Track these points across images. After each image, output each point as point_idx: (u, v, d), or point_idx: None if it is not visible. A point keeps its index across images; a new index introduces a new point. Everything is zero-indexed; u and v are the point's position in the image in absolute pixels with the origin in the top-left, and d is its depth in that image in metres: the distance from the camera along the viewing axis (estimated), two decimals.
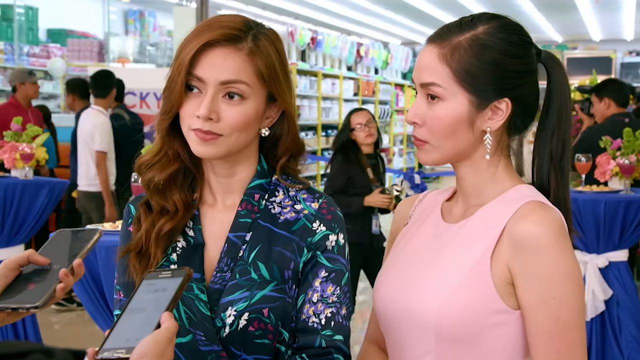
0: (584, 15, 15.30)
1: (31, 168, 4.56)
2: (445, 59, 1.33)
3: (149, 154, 1.46)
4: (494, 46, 1.33)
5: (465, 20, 1.37)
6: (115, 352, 1.04)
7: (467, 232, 1.36)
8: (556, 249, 1.28)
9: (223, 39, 1.37)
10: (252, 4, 13.51)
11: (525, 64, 1.36)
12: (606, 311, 4.37)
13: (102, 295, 2.86)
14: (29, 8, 11.07)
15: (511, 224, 1.31)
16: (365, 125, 4.56)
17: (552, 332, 1.28)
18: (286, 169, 1.48)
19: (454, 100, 1.34)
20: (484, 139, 1.36)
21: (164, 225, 1.42)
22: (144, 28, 13.70)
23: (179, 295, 1.12)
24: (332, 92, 12.17)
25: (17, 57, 10.37)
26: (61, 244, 1.26)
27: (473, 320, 1.29)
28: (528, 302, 1.29)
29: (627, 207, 4.23)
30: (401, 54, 16.45)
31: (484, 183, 1.39)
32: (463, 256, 1.33)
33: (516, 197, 1.35)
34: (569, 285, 1.28)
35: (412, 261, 1.41)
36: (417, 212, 1.51)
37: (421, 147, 1.39)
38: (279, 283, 1.40)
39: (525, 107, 1.38)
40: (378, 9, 14.71)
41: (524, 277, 1.29)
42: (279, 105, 1.44)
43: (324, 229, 1.43)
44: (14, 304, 1.16)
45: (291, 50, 11.59)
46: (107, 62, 10.73)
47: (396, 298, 1.39)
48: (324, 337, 1.39)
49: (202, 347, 1.37)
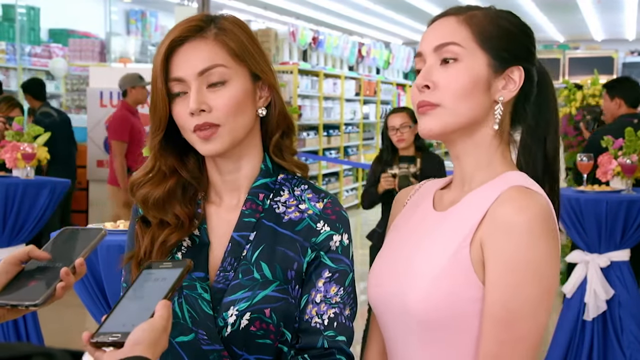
0: (586, 15, 15.29)
1: (32, 168, 4.56)
2: (465, 22, 1.35)
3: (141, 171, 1.45)
4: (507, 18, 1.37)
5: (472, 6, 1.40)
6: (110, 336, 1.05)
7: (452, 219, 1.34)
8: (529, 235, 1.24)
9: (187, 33, 1.38)
10: (254, 3, 13.51)
11: (531, 51, 1.38)
12: (608, 311, 4.36)
13: (103, 294, 2.86)
14: (30, 8, 11.07)
15: (492, 208, 1.28)
16: (398, 129, 4.49)
17: (499, 320, 1.24)
18: (281, 147, 1.47)
19: (473, 61, 1.33)
20: (494, 109, 1.34)
21: (170, 237, 1.41)
22: (145, 28, 13.70)
23: (178, 286, 1.14)
24: (333, 92, 12.16)
25: (19, 57, 10.38)
26: (64, 242, 1.26)
27: (456, 308, 1.27)
28: (487, 284, 1.26)
29: (629, 207, 4.23)
30: (403, 54, 16.44)
31: (479, 168, 1.37)
32: (445, 243, 1.31)
33: (503, 182, 1.32)
34: (530, 275, 1.24)
35: (400, 251, 1.40)
36: (412, 201, 1.50)
37: (430, 111, 1.33)
38: (282, 283, 1.39)
39: (527, 94, 1.38)
40: (379, 9, 14.70)
41: (490, 258, 1.26)
42: (263, 81, 1.44)
43: (328, 229, 1.43)
44: (13, 300, 1.16)
45: (293, 50, 11.59)
46: (109, 62, 10.73)
47: (385, 288, 1.38)
48: (327, 338, 1.39)
49: (204, 347, 1.37)
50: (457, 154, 1.38)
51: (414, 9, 14.59)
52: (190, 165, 1.46)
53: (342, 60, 13.38)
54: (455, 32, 1.34)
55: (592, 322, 4.38)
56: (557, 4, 13.75)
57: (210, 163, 1.46)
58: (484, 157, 1.36)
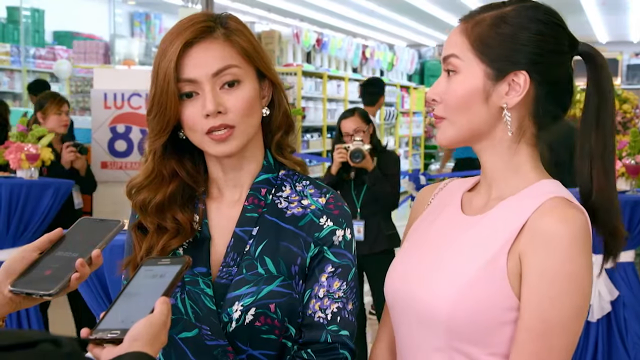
0: (590, 17, 15.27)
1: (36, 169, 4.57)
2: (466, 32, 1.33)
3: (140, 175, 1.43)
4: (514, 21, 1.31)
5: (498, 2, 1.36)
6: (109, 332, 1.05)
7: (485, 225, 1.32)
8: (570, 249, 1.23)
9: (199, 35, 1.37)
10: (258, 6, 13.52)
11: (548, 42, 1.31)
12: (612, 312, 4.35)
13: (106, 294, 2.86)
14: (35, 10, 11.10)
15: (533, 219, 1.26)
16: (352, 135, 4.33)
17: (534, 332, 1.23)
18: (281, 145, 1.47)
19: (469, 72, 1.31)
20: (502, 115, 1.32)
21: (170, 242, 1.39)
22: (149, 30, 13.74)
23: (176, 282, 1.13)
24: (337, 94, 12.16)
25: (24, 59, 10.41)
26: (82, 232, 1.25)
27: (486, 317, 1.26)
28: (524, 295, 1.25)
29: (634, 208, 4.22)
30: (407, 56, 16.45)
31: (505, 172, 1.34)
32: (479, 250, 1.30)
33: (540, 192, 1.30)
34: (570, 289, 1.23)
35: (426, 252, 1.38)
36: (437, 200, 1.47)
37: (439, 124, 1.35)
38: (286, 278, 1.39)
39: (552, 90, 1.32)
40: (384, 11, 14.70)
41: (529, 270, 1.25)
42: (268, 80, 1.44)
43: (331, 224, 1.43)
44: (28, 289, 1.16)
45: (296, 52, 11.60)
46: (113, 64, 10.76)
47: (407, 289, 1.36)
48: (330, 333, 1.39)
49: (208, 342, 1.36)
50: (482, 160, 1.38)
51: (418, 11, 14.59)
52: (188, 167, 1.45)
53: (346, 62, 13.40)
54: (456, 43, 1.33)
55: (596, 324, 4.37)
56: (561, 5, 13.60)
57: (213, 161, 1.45)
58: (506, 161, 1.34)
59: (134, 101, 7.55)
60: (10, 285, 1.17)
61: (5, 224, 4.39)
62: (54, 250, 1.21)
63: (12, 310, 1.18)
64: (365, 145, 4.30)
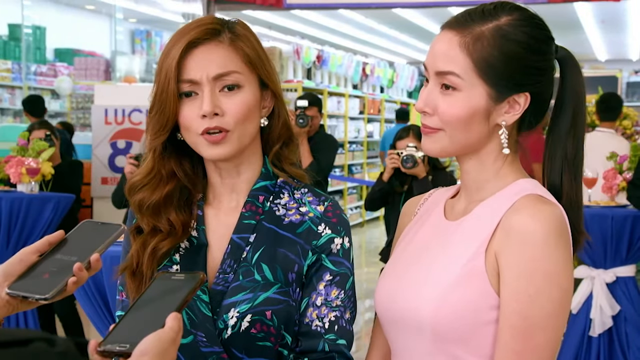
0: (590, 35, 15.33)
1: (37, 183, 4.57)
2: (467, 48, 1.29)
3: (140, 173, 1.43)
4: (517, 39, 1.29)
5: (487, 8, 1.32)
6: (118, 345, 1.03)
7: (465, 228, 1.33)
8: (545, 245, 1.23)
9: (204, 36, 1.37)
10: (258, 23, 13.57)
11: (546, 60, 1.33)
12: (614, 327, 4.33)
13: (106, 305, 2.84)
14: (36, 27, 11.15)
15: (506, 217, 1.27)
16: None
17: (517, 330, 1.23)
18: (280, 157, 1.46)
19: (472, 92, 1.30)
20: (499, 132, 1.32)
21: (161, 244, 1.39)
22: (150, 47, 13.79)
23: (189, 299, 1.11)
24: (337, 110, 12.18)
25: (25, 76, 10.43)
26: (83, 235, 1.24)
27: (470, 318, 1.26)
28: (503, 294, 1.25)
29: (635, 222, 4.21)
30: (407, 72, 16.50)
31: (487, 178, 1.36)
32: (458, 253, 1.30)
33: (515, 191, 1.31)
34: (548, 285, 1.23)
35: (411, 261, 1.38)
36: (422, 210, 1.48)
37: (431, 134, 1.33)
38: (283, 285, 1.38)
39: (540, 104, 1.34)
40: (384, 29, 14.75)
41: (506, 268, 1.25)
42: (270, 90, 1.43)
43: (330, 232, 1.42)
44: (24, 292, 1.15)
45: (297, 68, 11.63)
46: (114, 81, 10.78)
47: (394, 299, 1.36)
48: (327, 341, 1.38)
49: (203, 349, 1.35)
50: (464, 169, 1.38)
51: (418, 28, 14.64)
52: (186, 168, 1.44)
53: (346, 79, 13.43)
54: (456, 60, 1.30)
55: (598, 338, 4.35)
56: (561, 24, 13.76)
57: (211, 165, 1.45)
58: (490, 171, 1.35)
59: (135, 117, 7.56)
60: (8, 287, 1.16)
61: (5, 238, 4.38)
62: (53, 253, 1.20)
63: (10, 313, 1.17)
64: (418, 152, 4.26)
